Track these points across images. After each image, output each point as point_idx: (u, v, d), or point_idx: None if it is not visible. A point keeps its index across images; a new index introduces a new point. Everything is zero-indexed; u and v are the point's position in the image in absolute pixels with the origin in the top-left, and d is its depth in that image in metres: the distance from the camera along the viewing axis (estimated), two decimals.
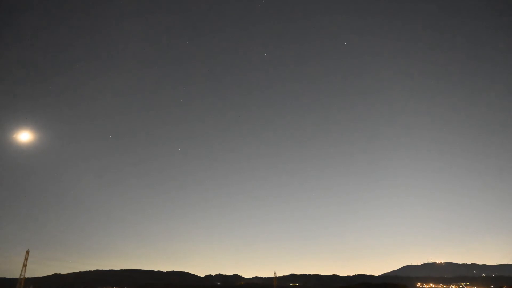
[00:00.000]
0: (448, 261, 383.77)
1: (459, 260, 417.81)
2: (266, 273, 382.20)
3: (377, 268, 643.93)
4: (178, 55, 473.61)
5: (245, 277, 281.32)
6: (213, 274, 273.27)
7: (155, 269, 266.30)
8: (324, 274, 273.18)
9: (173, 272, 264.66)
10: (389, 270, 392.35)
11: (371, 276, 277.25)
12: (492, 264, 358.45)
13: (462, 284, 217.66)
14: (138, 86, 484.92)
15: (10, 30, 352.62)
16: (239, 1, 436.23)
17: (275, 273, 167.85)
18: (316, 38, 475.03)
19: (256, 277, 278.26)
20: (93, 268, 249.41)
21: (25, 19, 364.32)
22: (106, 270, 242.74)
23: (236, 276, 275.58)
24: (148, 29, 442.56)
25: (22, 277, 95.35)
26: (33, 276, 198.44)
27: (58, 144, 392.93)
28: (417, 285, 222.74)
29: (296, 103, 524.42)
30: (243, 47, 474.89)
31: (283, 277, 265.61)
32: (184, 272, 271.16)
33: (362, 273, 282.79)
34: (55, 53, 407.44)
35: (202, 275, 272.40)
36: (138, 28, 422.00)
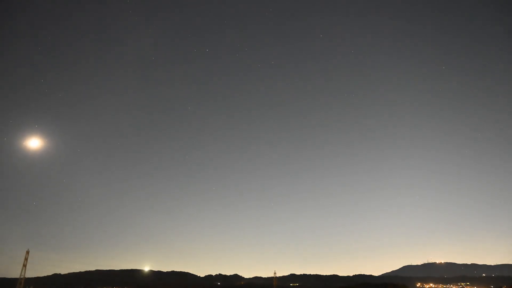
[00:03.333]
0: (448, 261, 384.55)
1: (459, 260, 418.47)
2: (266, 273, 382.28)
3: (377, 268, 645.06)
4: (184, 61, 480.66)
5: (245, 277, 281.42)
6: (213, 274, 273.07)
7: (155, 269, 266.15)
8: (324, 274, 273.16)
9: (173, 272, 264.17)
10: (389, 270, 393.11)
11: (371, 276, 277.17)
12: (492, 264, 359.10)
13: (462, 284, 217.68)
14: (147, 96, 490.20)
15: (21, 39, 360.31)
16: (247, 8, 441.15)
17: (275, 273, 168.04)
18: (321, 42, 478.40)
19: (256, 277, 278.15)
20: (93, 268, 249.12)
21: (36, 29, 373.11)
22: (106, 270, 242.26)
23: (236, 276, 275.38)
24: (157, 38, 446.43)
25: (22, 277, 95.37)
26: (33, 276, 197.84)
27: (66, 150, 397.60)
28: (417, 285, 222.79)
29: (297, 105, 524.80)
30: (249, 53, 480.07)
31: (283, 277, 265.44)
32: (184, 272, 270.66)
33: (362, 273, 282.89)
34: (65, 62, 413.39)
35: (202, 275, 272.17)
36: (147, 37, 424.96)
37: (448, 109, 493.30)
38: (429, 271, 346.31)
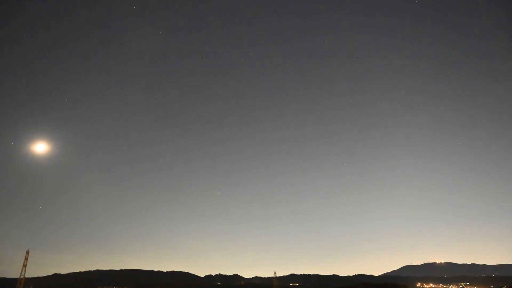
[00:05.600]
0: (448, 261, 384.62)
1: (459, 260, 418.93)
2: (266, 273, 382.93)
3: (377, 268, 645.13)
4: (189, 65, 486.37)
5: (245, 277, 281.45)
6: (213, 274, 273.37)
7: (155, 269, 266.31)
8: (324, 274, 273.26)
9: (173, 272, 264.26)
10: (389, 270, 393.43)
11: (371, 276, 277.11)
12: (492, 264, 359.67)
13: (462, 284, 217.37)
14: (150, 101, 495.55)
15: (28, 45, 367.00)
16: (252, 13, 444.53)
17: (275, 273, 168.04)
18: (325, 46, 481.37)
19: (256, 277, 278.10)
20: (93, 268, 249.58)
21: (43, 35, 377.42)
22: (106, 270, 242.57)
23: (236, 276, 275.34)
24: (162, 42, 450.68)
25: (22, 277, 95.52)
26: (33, 276, 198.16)
27: (71, 154, 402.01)
28: (417, 285, 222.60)
29: (297, 105, 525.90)
30: (254, 58, 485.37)
31: (283, 277, 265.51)
32: (184, 272, 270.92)
33: (362, 273, 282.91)
34: (71, 68, 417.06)
35: (202, 275, 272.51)
36: (152, 41, 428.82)
37: (449, 110, 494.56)
38: (429, 271, 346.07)
